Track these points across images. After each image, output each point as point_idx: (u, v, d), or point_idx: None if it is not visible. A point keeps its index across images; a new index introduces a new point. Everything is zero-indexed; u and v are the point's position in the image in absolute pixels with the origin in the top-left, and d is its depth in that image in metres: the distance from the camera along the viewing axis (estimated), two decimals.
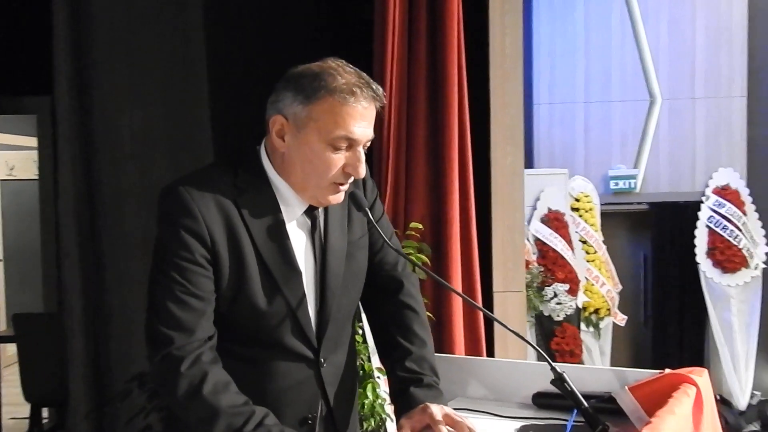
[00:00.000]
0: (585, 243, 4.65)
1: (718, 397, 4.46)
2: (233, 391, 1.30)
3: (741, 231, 4.75)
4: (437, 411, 1.37)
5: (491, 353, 2.76)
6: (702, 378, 1.47)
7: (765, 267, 4.79)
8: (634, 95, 5.02)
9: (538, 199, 4.49)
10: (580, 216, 4.69)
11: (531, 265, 4.29)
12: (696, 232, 4.82)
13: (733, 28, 4.90)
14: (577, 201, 4.73)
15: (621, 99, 5.04)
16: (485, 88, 2.82)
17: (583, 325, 4.52)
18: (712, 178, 4.90)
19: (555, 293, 4.30)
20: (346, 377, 1.51)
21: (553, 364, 1.37)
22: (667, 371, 1.50)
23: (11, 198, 6.85)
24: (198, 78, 2.77)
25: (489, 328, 2.75)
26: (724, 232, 4.76)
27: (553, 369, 1.37)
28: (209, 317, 1.34)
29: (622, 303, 4.76)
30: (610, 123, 5.05)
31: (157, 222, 1.37)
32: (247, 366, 1.39)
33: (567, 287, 4.30)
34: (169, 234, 1.33)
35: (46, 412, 4.22)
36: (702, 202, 4.86)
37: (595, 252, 4.65)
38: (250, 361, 1.40)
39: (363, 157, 1.37)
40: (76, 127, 2.69)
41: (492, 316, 1.56)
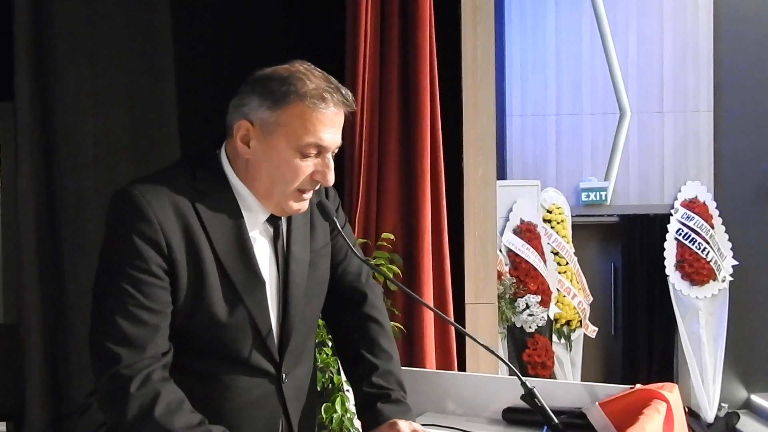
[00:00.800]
0: (557, 254, 4.66)
1: (686, 410, 4.48)
2: (188, 410, 1.23)
3: (709, 244, 4.81)
4: (405, 427, 1.34)
5: (462, 366, 2.75)
6: (672, 394, 1.47)
7: (732, 280, 4.84)
8: (604, 108, 5.07)
9: (510, 210, 4.49)
10: (551, 227, 4.70)
11: (503, 277, 4.28)
12: (665, 244, 4.87)
13: (699, 42, 4.97)
14: (549, 212, 4.74)
15: (591, 112, 5.08)
16: (458, 98, 2.82)
17: (555, 337, 4.53)
18: (680, 191, 4.95)
19: (527, 305, 4.29)
20: (307, 393, 1.46)
21: (524, 378, 1.35)
22: (638, 387, 1.49)
23: None
24: (163, 84, 2.72)
25: (461, 340, 2.73)
26: (692, 244, 4.81)
27: (524, 384, 1.34)
28: (164, 332, 1.26)
29: (592, 314, 4.77)
30: (581, 135, 5.09)
31: (107, 228, 1.28)
32: (204, 382, 1.31)
33: (539, 299, 4.30)
34: (121, 240, 1.24)
35: (2, 426, 4.09)
36: (671, 214, 4.91)
37: (567, 264, 4.66)
38: (207, 377, 1.32)
39: (332, 165, 1.33)
40: (37, 134, 2.62)
41: (463, 330, 1.54)
